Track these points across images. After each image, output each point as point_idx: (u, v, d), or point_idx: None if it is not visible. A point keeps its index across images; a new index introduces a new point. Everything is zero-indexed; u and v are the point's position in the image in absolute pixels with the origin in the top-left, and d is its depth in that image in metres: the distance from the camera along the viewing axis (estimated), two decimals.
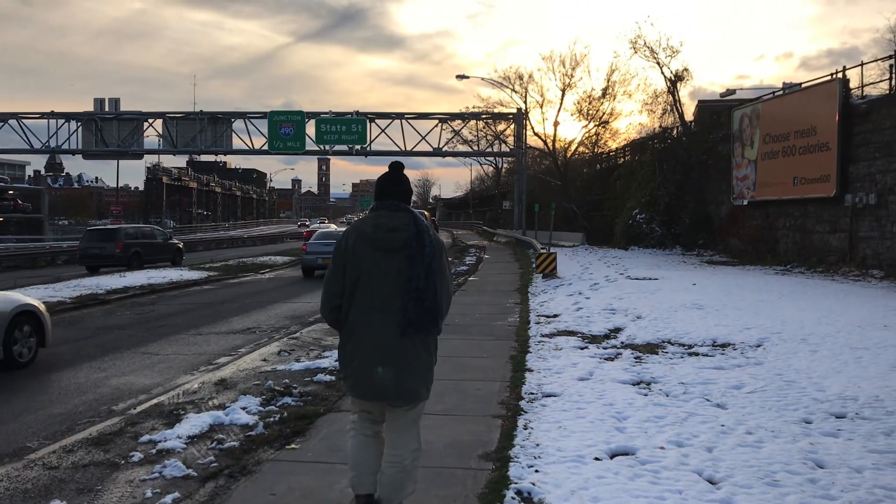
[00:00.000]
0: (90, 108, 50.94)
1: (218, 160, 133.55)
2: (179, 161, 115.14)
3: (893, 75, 23.07)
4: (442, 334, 4.67)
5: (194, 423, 7.14)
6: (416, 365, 4.39)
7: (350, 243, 4.42)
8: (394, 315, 4.30)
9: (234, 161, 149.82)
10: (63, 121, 50.61)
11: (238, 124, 51.39)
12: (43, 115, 50.82)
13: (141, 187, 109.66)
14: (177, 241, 35.29)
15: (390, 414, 4.51)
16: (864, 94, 24.42)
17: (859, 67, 24.84)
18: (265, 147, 50.11)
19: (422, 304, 4.31)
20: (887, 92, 23.27)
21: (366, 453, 4.59)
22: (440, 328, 4.49)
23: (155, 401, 8.38)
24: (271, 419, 7.33)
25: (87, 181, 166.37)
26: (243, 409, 7.68)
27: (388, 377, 4.31)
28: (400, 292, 4.30)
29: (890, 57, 23.56)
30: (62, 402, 8.48)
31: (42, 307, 10.96)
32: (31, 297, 11.43)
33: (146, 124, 51.39)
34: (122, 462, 6.20)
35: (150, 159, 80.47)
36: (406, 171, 4.80)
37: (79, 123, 50.66)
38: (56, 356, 11.28)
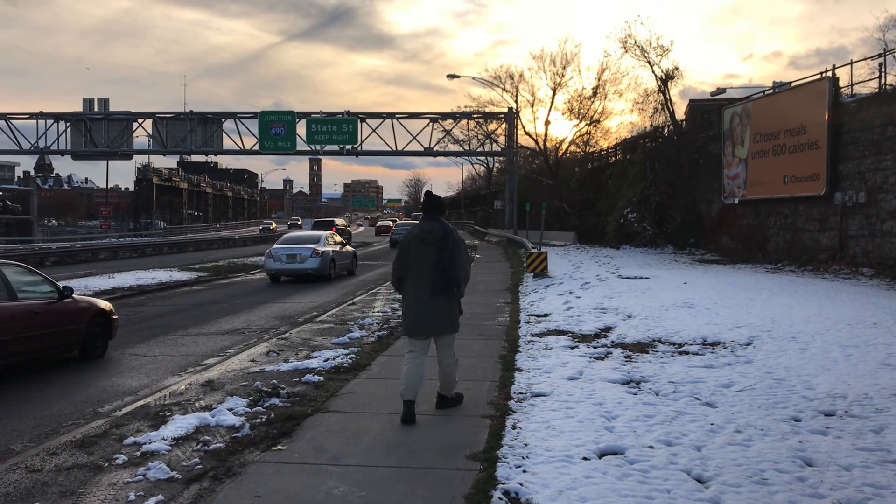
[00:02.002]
0: (79, 108, 50.72)
1: (208, 160, 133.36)
2: (170, 161, 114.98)
3: (883, 73, 23.14)
4: None
5: (180, 424, 7.07)
6: (443, 312, 7.16)
7: (407, 240, 7.33)
8: (427, 283, 7.06)
9: (224, 161, 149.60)
10: (52, 121, 50.41)
11: (228, 124, 51.33)
12: (32, 116, 50.61)
13: (131, 188, 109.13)
14: (351, 229, 61.26)
15: (435, 341, 7.32)
16: (854, 92, 24.49)
17: (849, 66, 24.94)
18: (256, 147, 50.03)
19: (446, 276, 7.06)
20: (877, 90, 23.33)
21: (413, 373, 7.13)
22: (462, 292, 7.38)
23: (141, 402, 8.30)
24: (258, 420, 7.26)
25: (77, 182, 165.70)
26: (230, 410, 7.61)
27: (427, 319, 7.15)
28: (432, 270, 7.04)
29: (879, 55, 23.63)
30: (47, 405, 8.39)
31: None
32: None
33: (136, 124, 51.24)
34: (106, 464, 6.13)
35: (140, 160, 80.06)
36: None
37: (68, 124, 50.46)
38: (41, 358, 11.17)
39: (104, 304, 11.72)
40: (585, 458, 5.74)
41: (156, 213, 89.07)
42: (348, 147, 49.89)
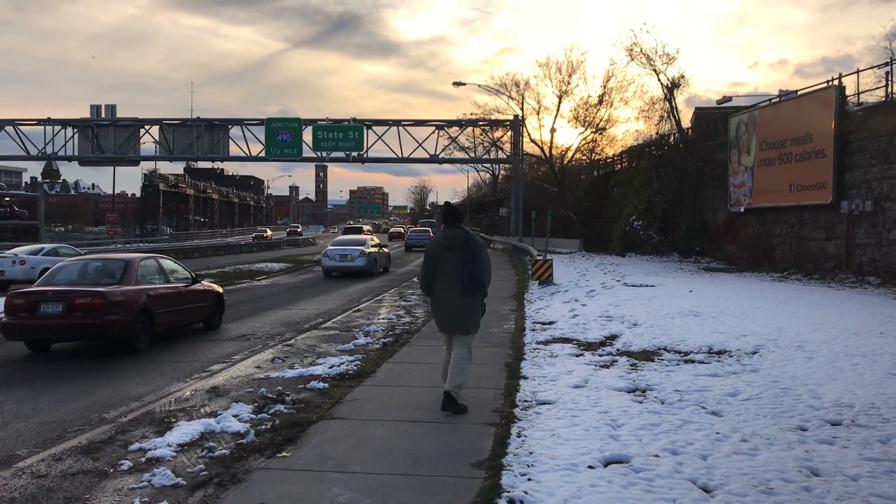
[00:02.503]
0: (86, 114, 50.82)
1: (215, 167, 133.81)
2: (176, 168, 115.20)
3: (890, 82, 23.10)
4: (436, 341, 8.54)
5: (185, 431, 7.08)
6: (468, 312, 7.85)
7: (433, 246, 8.11)
8: (456, 284, 7.78)
9: (231, 168, 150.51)
10: (59, 127, 50.54)
11: (235, 131, 51.39)
12: (39, 122, 50.74)
13: (138, 194, 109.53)
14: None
15: (454, 339, 7.95)
16: (861, 101, 24.47)
17: (855, 75, 24.90)
18: (262, 154, 50.09)
19: (471, 277, 7.77)
20: (883, 99, 23.29)
21: (448, 362, 7.95)
22: (485, 292, 8.04)
23: (146, 408, 8.32)
24: (263, 427, 7.27)
25: (84, 188, 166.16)
26: (235, 416, 7.62)
27: (452, 318, 7.87)
28: (458, 272, 7.76)
29: (886, 64, 23.61)
30: (53, 410, 8.41)
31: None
32: None
33: (143, 131, 51.33)
34: (111, 470, 6.14)
35: (146, 166, 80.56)
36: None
37: (75, 130, 50.60)
38: (48, 363, 11.21)
39: (219, 288, 15.62)
40: (591, 467, 5.73)
41: (162, 219, 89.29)
42: (354, 154, 49.95)
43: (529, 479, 5.47)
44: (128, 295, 12.06)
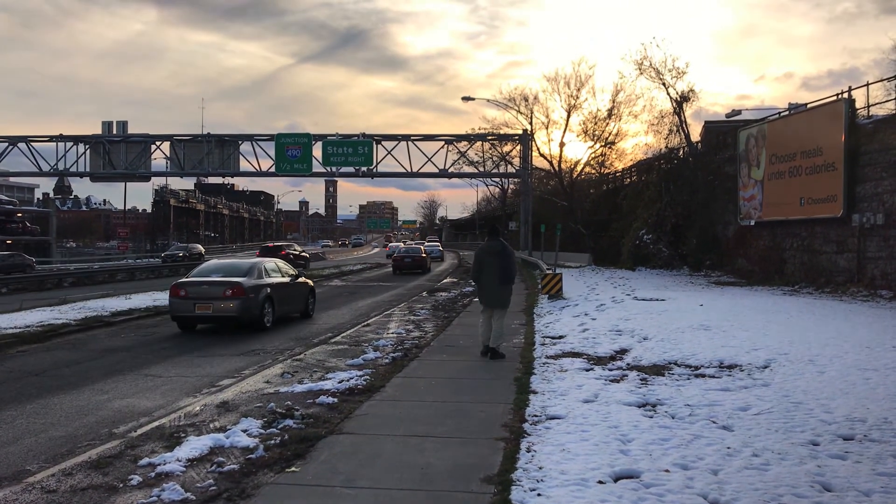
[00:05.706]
0: (97, 130, 51.31)
1: (225, 182, 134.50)
2: (187, 183, 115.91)
3: None
4: (445, 355, 12.37)
5: (194, 445, 7.08)
6: (503, 294, 12.00)
7: (480, 253, 12.26)
8: (495, 277, 11.88)
9: (241, 183, 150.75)
10: (71, 144, 51.01)
11: (245, 147, 51.71)
12: (51, 139, 51.22)
13: (149, 209, 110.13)
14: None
15: (495, 312, 11.97)
16: (871, 113, 24.40)
17: (865, 87, 24.84)
18: (272, 169, 50.34)
19: (506, 273, 11.90)
20: (893, 112, 23.23)
21: (485, 327, 12.10)
22: (514, 282, 12.30)
23: (156, 423, 8.33)
24: (272, 442, 7.26)
25: (95, 203, 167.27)
26: (244, 431, 7.62)
27: (494, 298, 11.97)
28: (496, 270, 11.86)
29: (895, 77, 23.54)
30: (63, 425, 8.43)
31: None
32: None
33: (153, 147, 51.71)
34: (121, 485, 6.14)
35: (157, 181, 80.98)
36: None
37: (87, 146, 51.03)
38: (58, 378, 11.25)
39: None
40: (601, 482, 5.70)
41: (172, 235, 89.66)
42: (364, 169, 50.16)
43: (539, 495, 5.45)
44: (424, 257, 45.04)
